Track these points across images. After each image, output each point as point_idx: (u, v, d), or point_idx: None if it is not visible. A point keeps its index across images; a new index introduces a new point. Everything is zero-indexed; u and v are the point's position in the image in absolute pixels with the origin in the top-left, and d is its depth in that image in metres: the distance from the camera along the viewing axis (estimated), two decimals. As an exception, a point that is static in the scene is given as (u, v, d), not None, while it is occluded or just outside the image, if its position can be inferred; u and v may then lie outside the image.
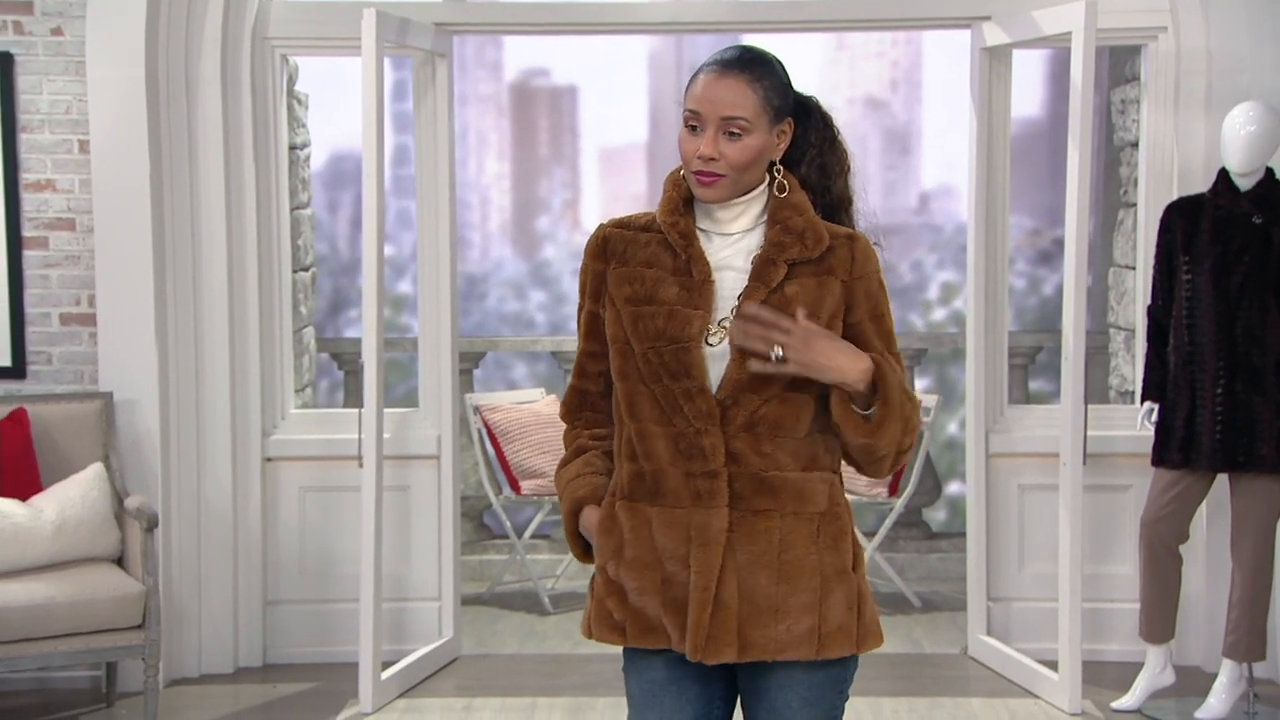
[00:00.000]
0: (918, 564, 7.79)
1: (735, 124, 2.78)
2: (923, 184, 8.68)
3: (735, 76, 2.79)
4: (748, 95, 2.79)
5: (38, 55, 5.88)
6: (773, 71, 2.84)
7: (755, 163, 2.81)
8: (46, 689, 5.89)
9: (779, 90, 2.84)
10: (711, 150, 2.78)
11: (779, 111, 2.83)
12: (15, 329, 5.91)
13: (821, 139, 2.92)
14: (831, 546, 2.83)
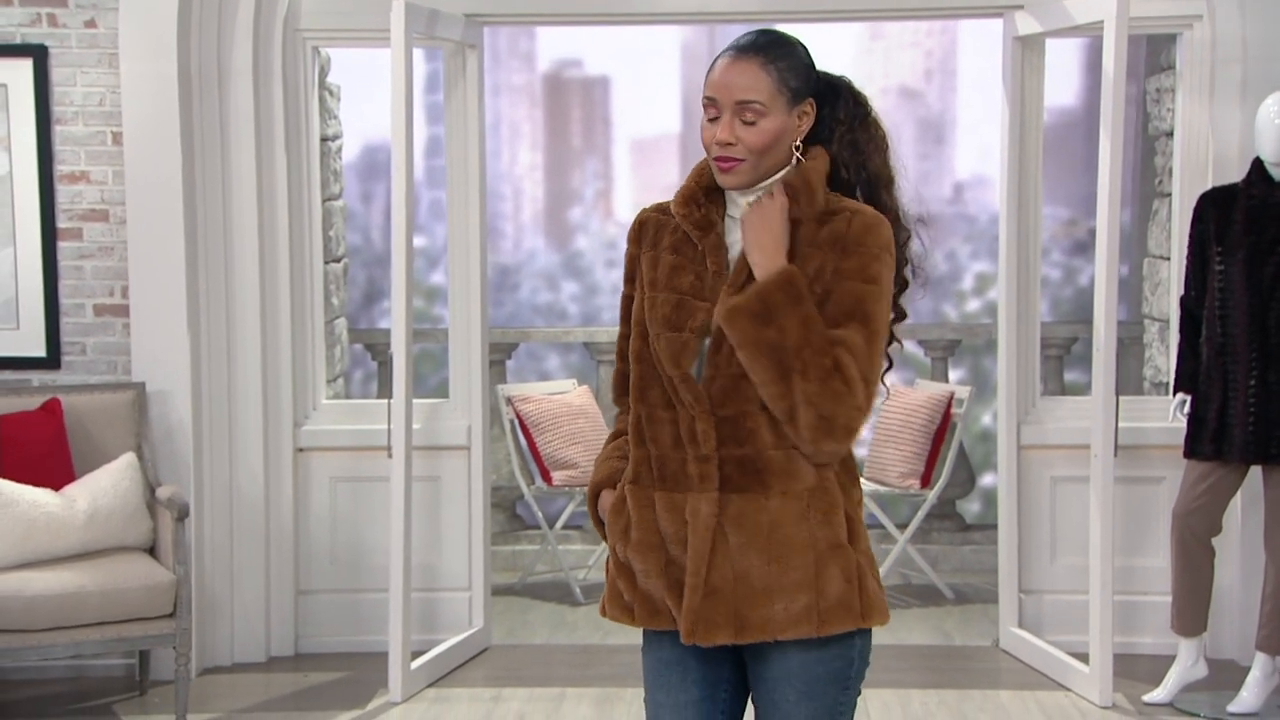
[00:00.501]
0: (951, 556, 7.76)
1: (750, 108, 2.78)
2: (957, 174, 8.64)
3: (749, 60, 2.79)
4: (761, 78, 2.78)
5: (71, 48, 5.91)
6: (789, 53, 2.83)
7: (774, 145, 2.81)
8: (81, 676, 5.93)
9: (796, 71, 2.82)
10: (728, 135, 2.79)
11: (797, 93, 2.82)
12: (50, 320, 5.95)
13: (851, 116, 2.89)
14: (823, 521, 2.80)
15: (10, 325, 5.94)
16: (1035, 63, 6.13)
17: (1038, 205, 6.21)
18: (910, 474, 7.10)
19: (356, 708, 5.56)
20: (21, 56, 5.89)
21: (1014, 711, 5.48)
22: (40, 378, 5.95)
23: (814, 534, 2.80)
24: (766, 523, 2.80)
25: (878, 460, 7.25)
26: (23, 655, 5.12)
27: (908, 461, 7.10)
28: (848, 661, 2.85)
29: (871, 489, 7.20)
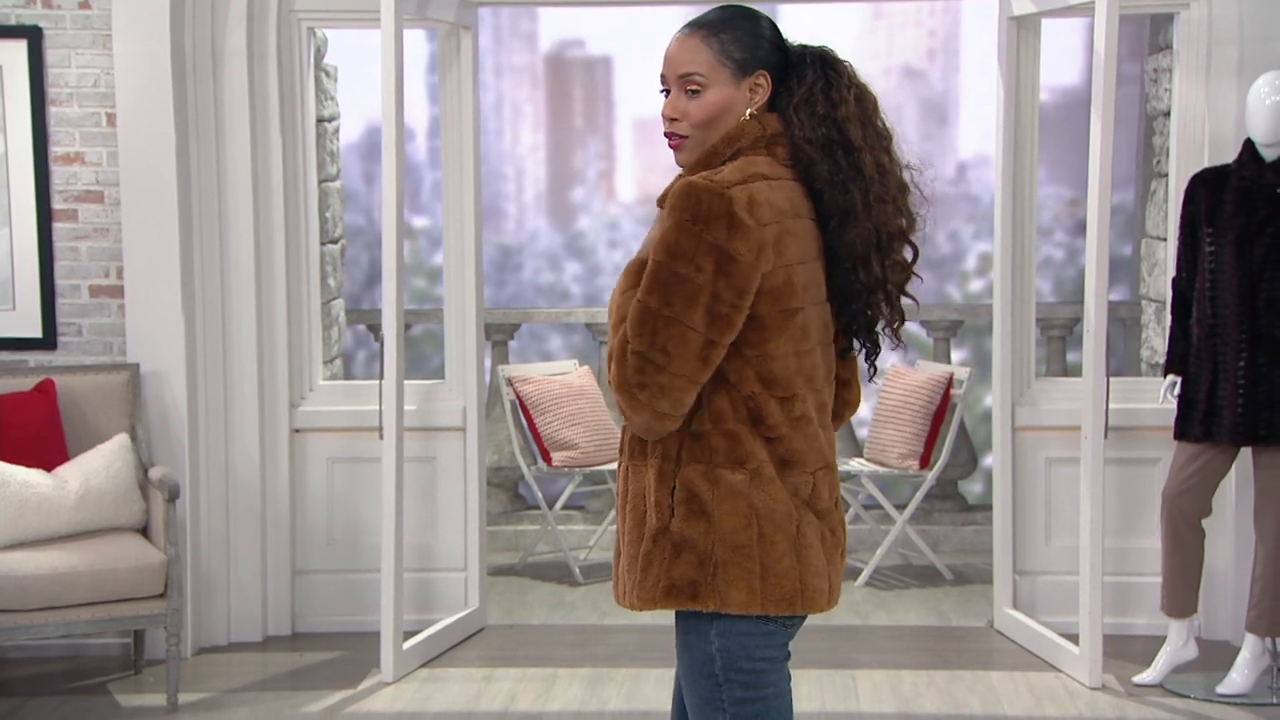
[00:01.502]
0: (952, 536, 7.76)
1: (691, 80, 2.81)
2: (960, 154, 8.61)
3: (692, 34, 2.82)
4: (702, 51, 2.80)
5: (66, 29, 5.93)
6: (737, 26, 2.82)
7: (718, 118, 2.81)
8: (78, 655, 5.97)
9: (742, 43, 2.81)
10: (671, 110, 2.83)
11: (742, 65, 2.81)
12: (46, 301, 5.98)
13: (818, 80, 2.84)
14: (656, 501, 2.84)
15: (6, 306, 5.97)
16: (1031, 43, 6.11)
17: (1034, 186, 6.19)
18: (909, 455, 7.09)
19: (349, 687, 5.59)
20: (16, 38, 5.90)
21: (1004, 693, 5.49)
22: (36, 358, 5.98)
23: (648, 512, 2.85)
24: (629, 495, 2.91)
25: (877, 441, 7.25)
26: (14, 635, 5.16)
27: (907, 442, 7.10)
28: (706, 655, 2.86)
29: (870, 470, 7.19)
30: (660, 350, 2.71)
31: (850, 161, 2.81)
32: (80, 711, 5.36)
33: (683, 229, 2.70)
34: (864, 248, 2.83)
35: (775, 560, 2.81)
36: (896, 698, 5.44)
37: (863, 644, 6.11)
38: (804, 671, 5.68)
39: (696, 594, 2.81)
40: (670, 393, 2.74)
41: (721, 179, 2.74)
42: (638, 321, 2.72)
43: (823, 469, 2.91)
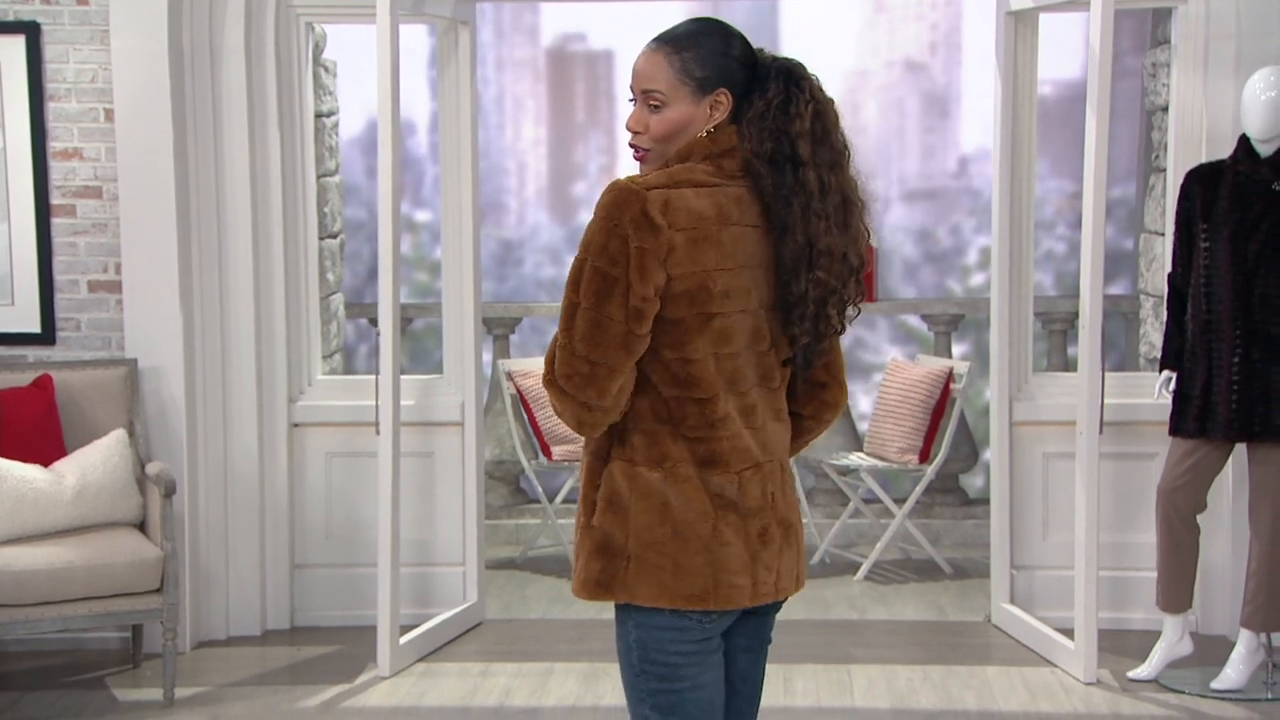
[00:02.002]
0: (953, 530, 7.76)
1: (653, 96, 2.89)
2: (962, 147, 8.59)
3: (656, 51, 2.90)
4: (663, 68, 2.87)
5: (64, 25, 5.94)
6: (703, 43, 2.88)
7: (678, 134, 2.88)
8: (77, 649, 6.00)
9: (704, 62, 2.87)
10: (634, 123, 2.92)
11: (703, 83, 2.87)
12: (44, 296, 6.00)
13: (778, 95, 2.88)
14: (587, 496, 2.96)
15: (5, 301, 5.99)
16: (1029, 37, 6.10)
17: (1031, 181, 6.18)
18: (909, 449, 7.09)
19: (346, 681, 5.61)
20: (14, 33, 5.92)
21: (999, 688, 5.49)
22: (35, 353, 6.00)
23: (590, 511, 2.95)
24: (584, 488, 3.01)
25: (877, 435, 7.25)
26: (11, 629, 5.18)
27: (906, 437, 7.10)
28: (627, 645, 2.96)
29: (870, 464, 7.20)
30: (583, 340, 2.80)
31: (796, 176, 2.87)
32: (78, 705, 5.39)
33: (601, 226, 2.80)
34: (794, 260, 2.90)
35: (687, 557, 2.88)
36: (891, 693, 5.44)
37: (859, 639, 6.12)
38: (799, 666, 5.70)
39: (611, 587, 2.91)
40: (595, 381, 2.81)
41: (644, 181, 2.82)
42: (564, 315, 2.84)
43: (750, 468, 2.94)
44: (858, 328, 8.56)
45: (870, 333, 8.73)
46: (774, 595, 2.98)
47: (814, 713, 5.27)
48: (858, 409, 8.01)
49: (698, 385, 2.87)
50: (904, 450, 7.10)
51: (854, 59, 8.32)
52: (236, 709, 5.34)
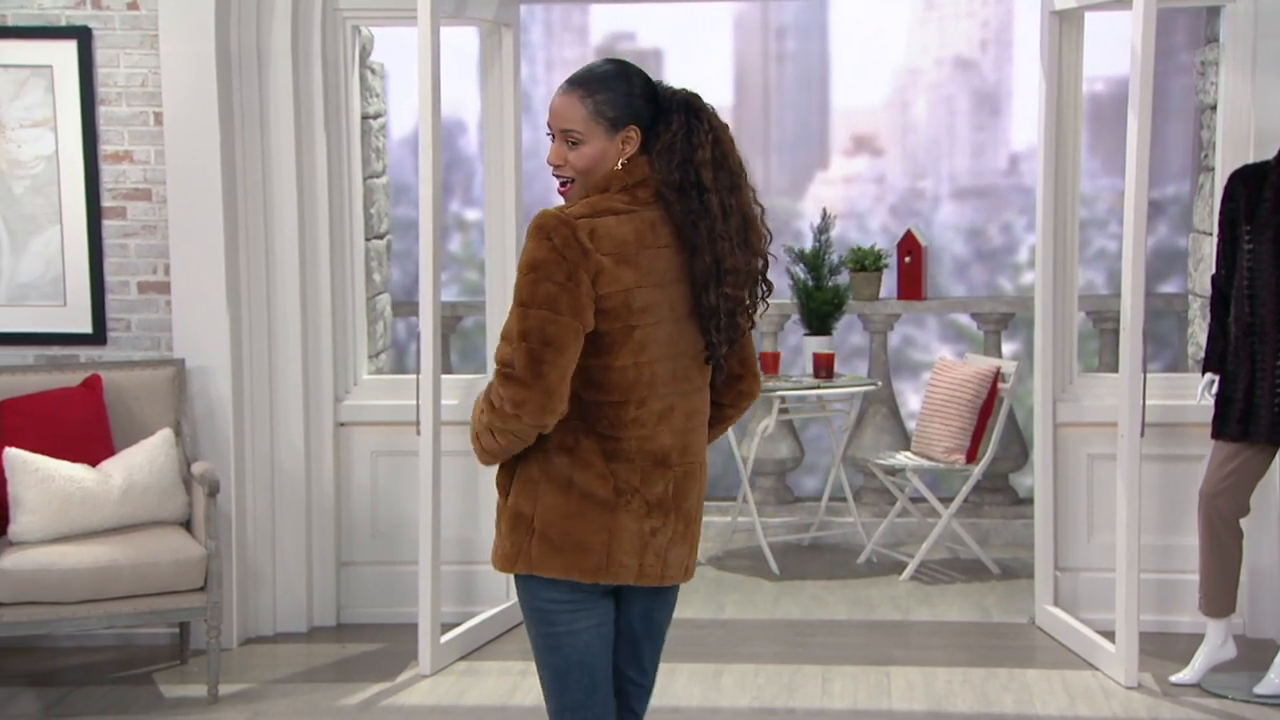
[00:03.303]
0: (1002, 530, 7.72)
1: (571, 135, 3.23)
2: (1012, 145, 8.54)
3: (570, 94, 3.24)
4: (578, 109, 3.22)
5: (115, 29, 6.03)
6: (610, 87, 3.22)
7: (595, 167, 3.23)
8: (128, 645, 6.09)
9: (614, 103, 3.21)
10: (555, 158, 3.27)
11: (614, 121, 3.21)
12: (95, 297, 6.09)
13: (681, 127, 3.22)
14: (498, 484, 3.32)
15: (57, 302, 6.08)
16: (1074, 36, 6.07)
17: (1076, 179, 6.15)
18: (955, 449, 7.07)
19: (387, 679, 5.66)
20: (66, 38, 6.01)
21: (1038, 691, 5.47)
22: (87, 353, 6.09)
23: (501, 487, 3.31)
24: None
25: (924, 435, 7.23)
26: (58, 626, 5.27)
27: (953, 436, 7.08)
28: (529, 607, 3.32)
29: (916, 464, 7.18)
30: (540, 342, 3.11)
31: (701, 201, 3.21)
32: (124, 701, 5.47)
33: (542, 249, 3.11)
34: (704, 277, 3.25)
35: (587, 535, 3.22)
36: (929, 695, 5.43)
37: (901, 640, 6.11)
38: (838, 668, 5.70)
39: (516, 560, 3.25)
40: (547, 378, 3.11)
41: (571, 212, 3.16)
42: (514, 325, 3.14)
43: (656, 465, 3.27)
44: (906, 326, 8.55)
45: (920, 331, 8.71)
46: (659, 580, 3.33)
47: (850, 714, 5.27)
48: (906, 408, 7.99)
49: (615, 389, 3.20)
50: (950, 450, 7.08)
51: (904, 57, 8.30)
52: (279, 706, 5.40)
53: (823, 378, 7.31)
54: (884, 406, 7.85)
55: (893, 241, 7.88)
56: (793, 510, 7.89)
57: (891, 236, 8.06)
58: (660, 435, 3.26)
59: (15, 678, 5.73)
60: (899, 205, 8.56)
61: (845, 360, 8.07)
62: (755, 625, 6.35)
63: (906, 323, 8.26)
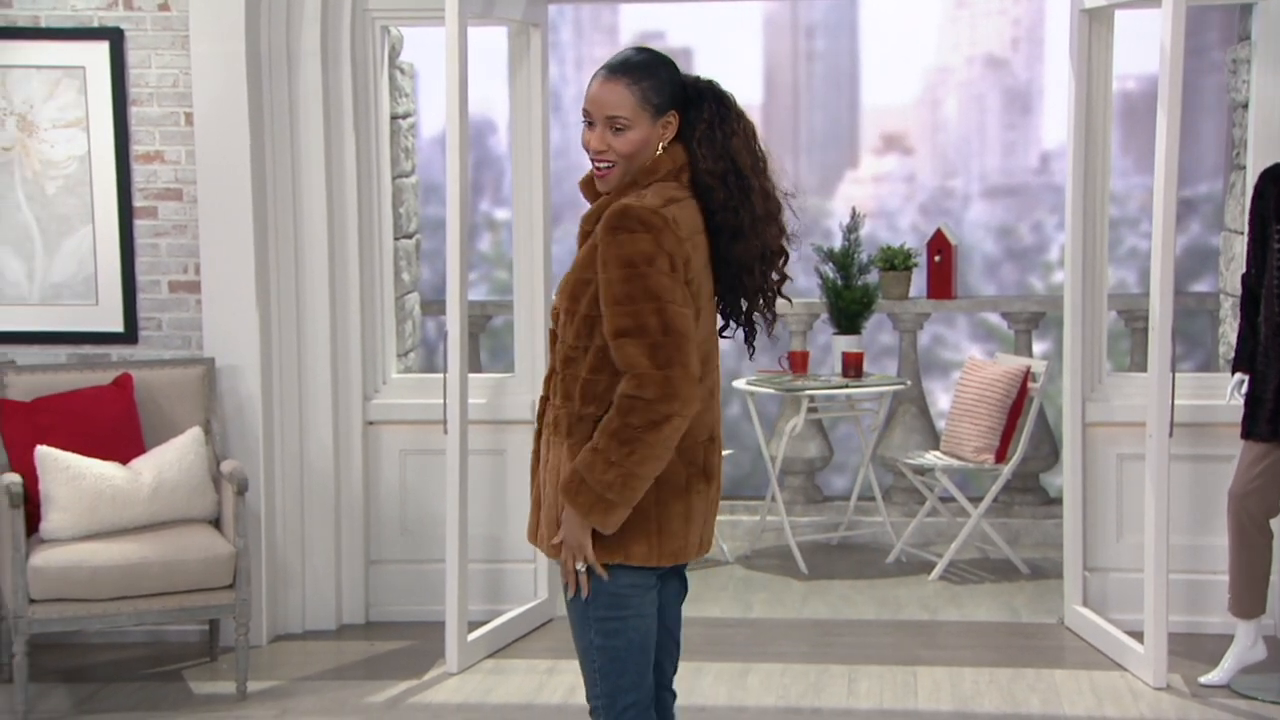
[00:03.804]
0: (1032, 530, 7.70)
1: (618, 121, 3.29)
2: (1043, 144, 8.51)
3: (615, 80, 3.29)
4: (626, 96, 3.28)
5: (146, 30, 6.07)
6: (653, 73, 3.30)
7: (639, 152, 3.30)
8: (159, 642, 6.13)
9: (658, 89, 3.30)
10: (599, 144, 3.31)
11: (658, 108, 3.30)
12: (127, 296, 6.13)
13: (713, 115, 3.33)
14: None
15: (90, 302, 6.13)
16: (1103, 35, 6.04)
17: (1106, 178, 6.13)
18: (985, 449, 7.05)
19: (415, 677, 5.69)
20: (99, 39, 6.05)
21: (1066, 692, 5.45)
22: (119, 352, 6.14)
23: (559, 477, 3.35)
24: (552, 459, 3.39)
25: (953, 434, 7.21)
26: (88, 623, 5.32)
27: (982, 436, 7.06)
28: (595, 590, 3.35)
29: (946, 463, 7.16)
30: (664, 331, 3.18)
31: (740, 187, 3.32)
32: (154, 698, 5.51)
33: (641, 241, 3.19)
34: (750, 260, 3.37)
35: (668, 520, 3.33)
36: (955, 696, 5.42)
37: (929, 640, 6.10)
38: (864, 667, 5.70)
39: (608, 548, 3.30)
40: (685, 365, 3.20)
41: (648, 203, 3.23)
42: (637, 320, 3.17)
43: (709, 440, 3.41)
44: (937, 325, 8.53)
45: (950, 330, 8.68)
46: (706, 552, 3.51)
47: (876, 714, 5.27)
48: (936, 407, 7.97)
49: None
50: (980, 450, 7.06)
51: (934, 55, 8.27)
52: (306, 703, 5.43)
53: (851, 377, 7.31)
54: (914, 406, 7.83)
55: (923, 240, 7.86)
56: (822, 509, 7.89)
57: (921, 235, 8.04)
58: (711, 410, 3.41)
59: (48, 673, 5.78)
60: (929, 204, 8.54)
61: (875, 359, 8.06)
62: (782, 625, 6.35)
63: (936, 322, 8.24)
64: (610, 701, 3.42)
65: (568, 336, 3.33)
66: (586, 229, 3.35)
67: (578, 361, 3.31)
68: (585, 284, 3.27)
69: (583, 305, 3.28)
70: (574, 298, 3.30)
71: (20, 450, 5.51)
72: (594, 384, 3.28)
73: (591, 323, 3.27)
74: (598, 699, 3.45)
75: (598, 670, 3.42)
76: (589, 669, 3.45)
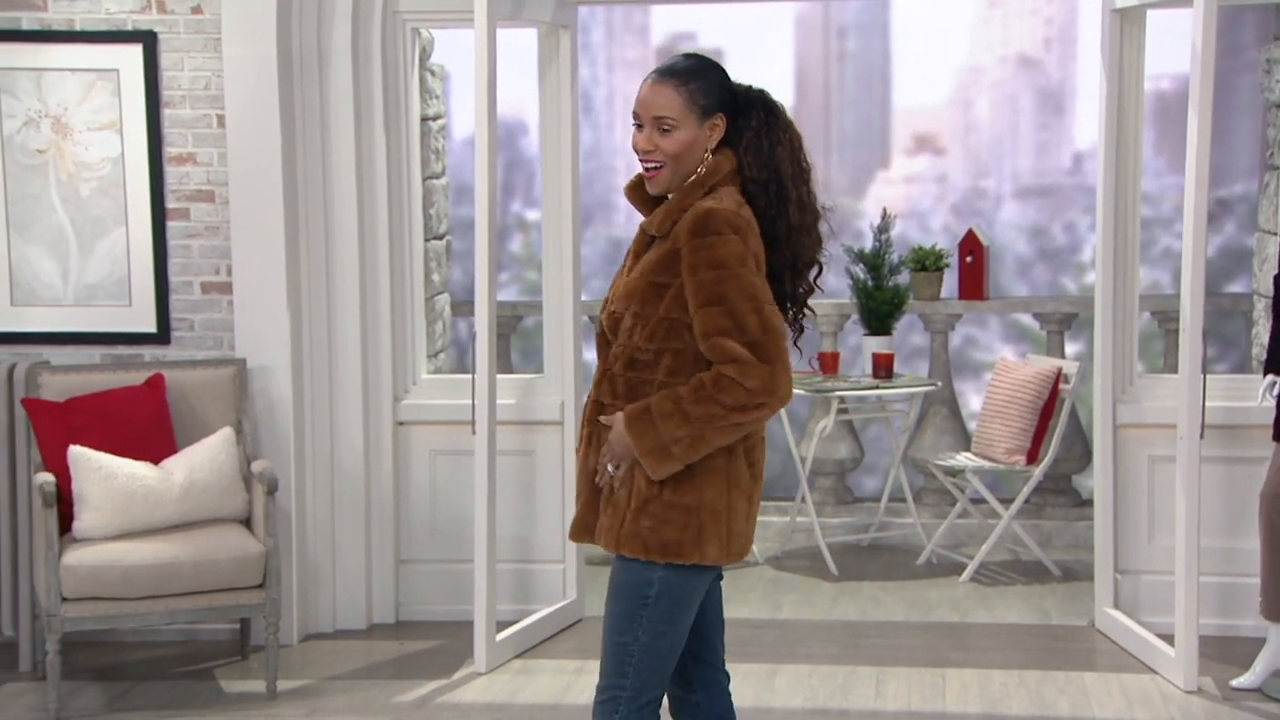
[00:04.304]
0: (1065, 532, 7.67)
1: (665, 122, 3.38)
2: (1076, 144, 8.47)
3: (664, 83, 3.39)
4: (674, 97, 3.37)
5: (179, 33, 6.11)
6: (701, 76, 3.39)
7: (687, 152, 3.39)
8: (191, 640, 6.18)
9: (706, 92, 3.39)
10: (647, 144, 3.41)
11: (706, 109, 3.38)
12: (160, 297, 6.18)
13: (762, 125, 3.41)
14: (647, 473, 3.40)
15: (123, 302, 6.18)
16: (1135, 35, 6.02)
17: (1137, 179, 6.10)
18: (1016, 450, 7.03)
19: (443, 676, 5.71)
20: (132, 43, 6.09)
21: (1095, 694, 5.43)
22: (152, 353, 6.18)
23: (638, 477, 3.39)
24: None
25: (984, 435, 7.19)
26: (120, 622, 5.36)
27: (1014, 438, 7.04)
28: (648, 582, 3.41)
29: (976, 465, 7.14)
30: (763, 330, 3.31)
31: (780, 196, 3.41)
32: (185, 696, 5.55)
33: (732, 243, 3.30)
34: (780, 268, 3.46)
35: (737, 522, 3.44)
36: (984, 698, 5.41)
37: (958, 642, 6.09)
38: (892, 669, 5.69)
39: (682, 551, 3.38)
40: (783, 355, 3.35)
41: (727, 206, 3.34)
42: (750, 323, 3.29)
43: (761, 440, 3.53)
44: (969, 326, 8.51)
45: (982, 331, 8.66)
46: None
47: (903, 716, 5.26)
48: (967, 408, 7.95)
49: None
50: (1011, 451, 7.04)
51: (966, 54, 8.25)
52: (335, 702, 5.46)
53: (882, 378, 7.30)
54: (945, 407, 7.81)
55: (954, 241, 7.84)
56: (852, 511, 7.87)
57: (953, 236, 8.02)
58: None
59: (81, 671, 5.83)
60: (961, 205, 8.52)
61: (906, 360, 8.05)
62: (811, 626, 6.35)
63: (968, 323, 8.22)
64: (636, 694, 3.45)
65: (636, 339, 3.39)
66: (653, 234, 3.40)
67: (650, 365, 3.39)
68: (661, 288, 3.34)
69: (660, 309, 3.35)
70: (646, 301, 3.36)
71: (54, 450, 5.56)
72: (672, 386, 3.37)
73: (670, 326, 3.35)
74: (621, 690, 3.46)
75: (633, 666, 3.44)
76: (620, 662, 3.45)
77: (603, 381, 3.48)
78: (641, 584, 3.41)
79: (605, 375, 3.47)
